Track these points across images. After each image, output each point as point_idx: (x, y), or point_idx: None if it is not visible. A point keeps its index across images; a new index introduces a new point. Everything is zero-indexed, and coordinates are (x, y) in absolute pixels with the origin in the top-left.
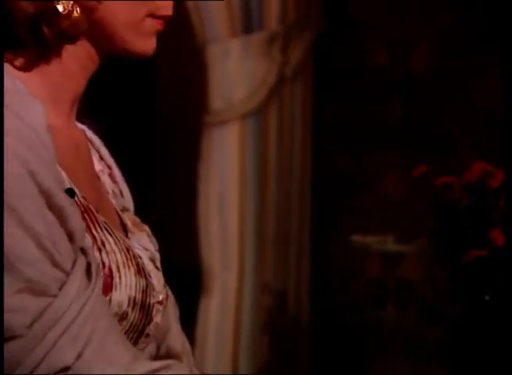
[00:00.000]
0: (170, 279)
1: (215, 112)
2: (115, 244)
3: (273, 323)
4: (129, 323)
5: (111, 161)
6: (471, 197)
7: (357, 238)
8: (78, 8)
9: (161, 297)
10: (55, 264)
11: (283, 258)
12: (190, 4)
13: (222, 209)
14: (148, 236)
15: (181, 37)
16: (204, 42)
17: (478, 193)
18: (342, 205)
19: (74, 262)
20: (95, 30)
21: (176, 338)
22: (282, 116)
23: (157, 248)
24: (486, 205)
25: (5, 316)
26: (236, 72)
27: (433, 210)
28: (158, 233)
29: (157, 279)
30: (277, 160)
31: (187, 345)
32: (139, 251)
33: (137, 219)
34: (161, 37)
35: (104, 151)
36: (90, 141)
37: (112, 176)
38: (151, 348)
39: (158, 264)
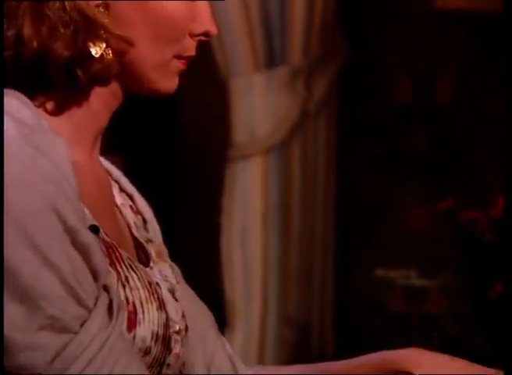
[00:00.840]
0: None
1: (238, 146)
2: (139, 280)
3: (297, 357)
4: (152, 357)
5: (132, 190)
6: (496, 231)
7: (380, 272)
8: (110, 52)
9: (177, 327)
10: (79, 301)
11: (307, 291)
12: (213, 39)
13: (245, 243)
14: (171, 267)
15: (205, 72)
16: (228, 76)
17: (504, 227)
18: (365, 237)
19: (97, 299)
20: (123, 71)
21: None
22: (305, 150)
23: (178, 280)
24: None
25: (26, 353)
26: (260, 106)
27: (458, 244)
28: (181, 267)
29: (175, 310)
30: (300, 194)
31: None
32: (159, 281)
33: (163, 250)
34: (184, 71)
35: (124, 181)
36: (109, 172)
37: (133, 207)
38: None
39: (177, 295)
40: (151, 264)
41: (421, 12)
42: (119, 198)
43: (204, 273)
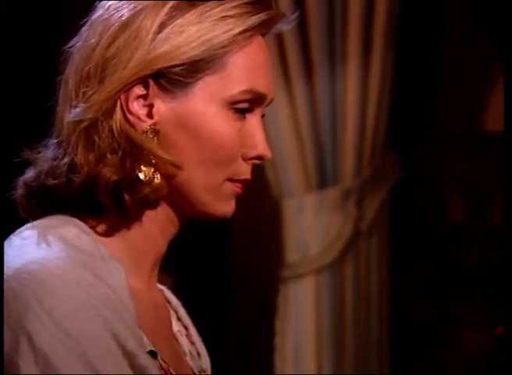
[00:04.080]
0: None
1: (290, 265)
2: None
3: None
4: None
5: (188, 321)
6: None
7: None
8: (159, 175)
9: None
10: None
11: None
12: None
13: (298, 363)
14: None
15: (257, 192)
16: (280, 197)
17: None
18: (420, 357)
19: None
20: (175, 194)
21: None
22: (357, 270)
23: None
24: None
25: None
26: (312, 226)
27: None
28: None
29: None
30: (353, 313)
31: None
32: None
33: None
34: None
35: (182, 311)
36: (168, 301)
37: (188, 336)
38: None
39: None
40: None
41: (471, 133)
42: (176, 326)
43: None
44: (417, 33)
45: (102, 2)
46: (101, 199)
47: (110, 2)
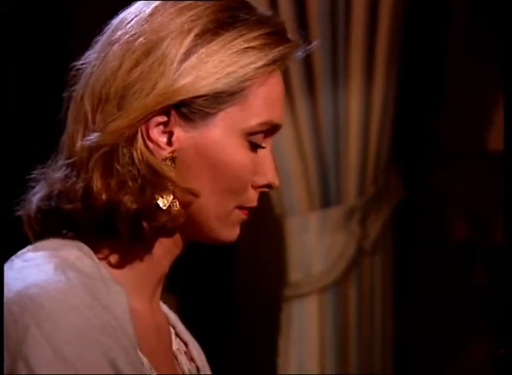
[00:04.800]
0: None
1: (293, 285)
2: None
3: None
4: None
5: (187, 337)
6: None
7: None
8: (177, 203)
9: None
10: None
11: None
12: None
13: None
14: None
15: (260, 211)
16: (283, 215)
17: None
18: None
19: None
20: (185, 221)
21: None
22: (361, 289)
23: None
24: None
25: None
26: (315, 245)
27: None
28: None
29: None
30: (357, 332)
31: None
32: None
33: None
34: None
35: (181, 327)
36: (166, 316)
37: (187, 353)
38: None
39: None
40: None
41: (473, 152)
42: (175, 344)
43: None
44: (419, 52)
45: (117, 21)
46: (119, 226)
47: (130, 23)
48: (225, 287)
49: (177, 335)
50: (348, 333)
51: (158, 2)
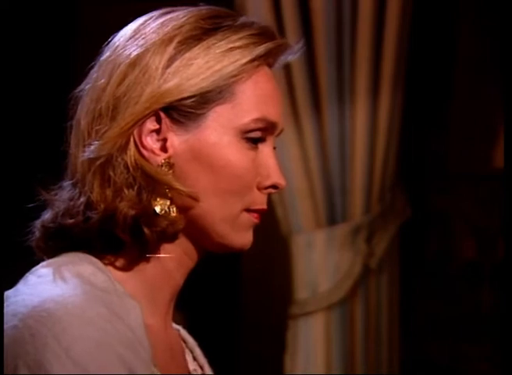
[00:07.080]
0: None
1: (300, 303)
2: None
3: None
4: None
5: (203, 361)
6: None
7: None
8: (175, 208)
9: None
10: None
11: None
12: (274, 196)
13: None
14: None
15: (266, 229)
16: (289, 233)
17: None
18: None
19: None
20: (192, 227)
21: None
22: (367, 307)
23: None
24: None
25: None
26: (321, 263)
27: None
28: None
29: None
30: (363, 351)
31: None
32: None
33: None
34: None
35: (198, 352)
36: (185, 341)
37: None
38: None
39: None
40: None
41: (480, 171)
42: (192, 365)
43: None
44: (425, 71)
45: (109, 45)
46: (119, 235)
47: (117, 43)
48: (232, 304)
49: (195, 359)
50: (354, 352)
51: (142, 19)
